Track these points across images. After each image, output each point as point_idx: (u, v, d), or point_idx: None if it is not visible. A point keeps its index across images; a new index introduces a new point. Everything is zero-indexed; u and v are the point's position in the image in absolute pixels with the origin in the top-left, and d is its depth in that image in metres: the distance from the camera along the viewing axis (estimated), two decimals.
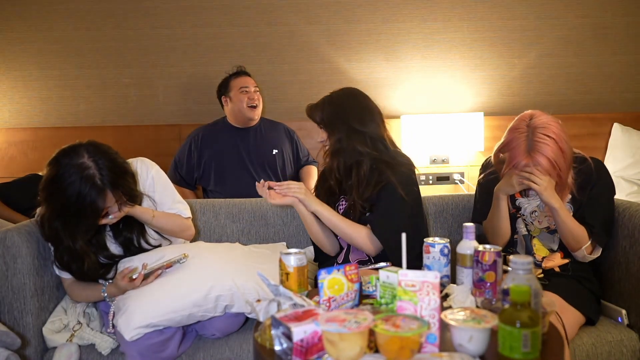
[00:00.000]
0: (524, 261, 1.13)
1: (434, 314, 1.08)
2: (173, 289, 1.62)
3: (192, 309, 1.61)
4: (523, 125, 1.69)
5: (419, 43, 3.25)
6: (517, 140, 1.68)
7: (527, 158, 1.65)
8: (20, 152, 3.20)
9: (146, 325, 1.56)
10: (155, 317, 1.57)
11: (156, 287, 1.64)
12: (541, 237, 1.82)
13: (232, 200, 2.23)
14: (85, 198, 1.54)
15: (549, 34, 3.26)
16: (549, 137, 1.63)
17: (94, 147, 1.60)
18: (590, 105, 3.33)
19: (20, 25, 3.17)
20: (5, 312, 1.68)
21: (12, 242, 1.67)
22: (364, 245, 1.78)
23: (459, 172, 3.22)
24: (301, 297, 1.23)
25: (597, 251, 1.76)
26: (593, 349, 1.66)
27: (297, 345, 1.03)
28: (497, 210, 1.78)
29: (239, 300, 1.65)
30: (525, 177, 1.65)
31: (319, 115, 1.89)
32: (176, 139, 3.19)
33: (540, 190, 1.63)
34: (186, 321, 1.63)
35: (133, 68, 3.21)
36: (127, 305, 1.60)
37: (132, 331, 1.55)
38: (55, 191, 1.57)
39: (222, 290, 1.63)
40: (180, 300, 1.60)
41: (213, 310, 1.65)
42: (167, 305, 1.59)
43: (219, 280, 1.64)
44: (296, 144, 2.91)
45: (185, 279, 1.65)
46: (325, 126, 1.88)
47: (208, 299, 1.62)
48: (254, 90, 2.77)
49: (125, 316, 1.57)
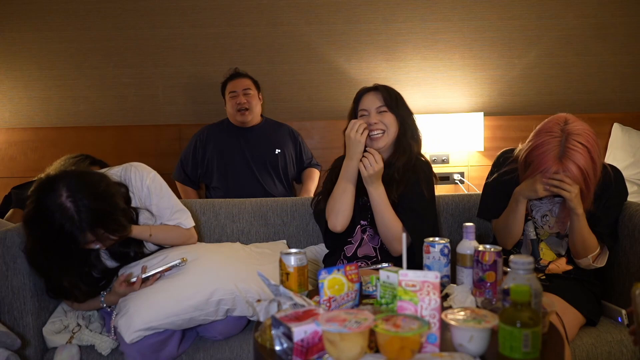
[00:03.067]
0: (524, 261, 1.13)
1: (435, 314, 1.08)
2: (174, 292, 1.61)
3: (193, 312, 1.59)
4: (557, 129, 1.59)
5: (419, 43, 3.25)
6: (549, 144, 1.58)
7: (557, 164, 1.57)
8: (20, 152, 3.20)
9: (146, 328, 1.56)
10: (155, 320, 1.56)
11: (157, 290, 1.62)
12: (549, 241, 1.79)
13: (232, 200, 2.23)
14: (65, 237, 1.46)
15: (549, 34, 3.26)
16: (583, 145, 1.55)
17: (76, 180, 1.49)
18: (590, 105, 3.33)
19: (20, 25, 3.17)
20: (5, 312, 1.68)
21: (12, 242, 1.67)
22: (395, 239, 1.71)
23: (459, 172, 3.22)
24: (301, 297, 1.23)
25: (601, 260, 1.73)
26: (593, 349, 1.66)
27: (298, 345, 1.03)
28: (514, 213, 1.72)
29: (241, 304, 1.64)
30: (554, 184, 1.58)
31: (390, 94, 1.84)
32: (176, 139, 3.19)
33: (571, 197, 1.58)
34: (187, 324, 1.62)
35: (133, 68, 3.21)
36: (127, 307, 1.59)
37: (132, 334, 1.54)
38: (35, 227, 1.50)
39: (224, 294, 1.62)
40: (182, 304, 1.58)
41: (214, 315, 1.64)
42: (168, 308, 1.57)
43: (221, 284, 1.63)
44: (300, 146, 2.91)
45: (186, 282, 1.64)
46: (391, 108, 1.81)
47: (210, 302, 1.61)
48: (244, 93, 2.76)
49: (126, 318, 1.57)
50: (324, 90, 3.26)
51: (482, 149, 3.10)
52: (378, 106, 1.80)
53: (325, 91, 3.26)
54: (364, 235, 1.84)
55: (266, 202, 2.22)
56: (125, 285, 1.63)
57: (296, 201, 2.21)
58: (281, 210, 2.18)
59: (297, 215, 2.17)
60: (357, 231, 1.85)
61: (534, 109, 3.27)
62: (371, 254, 1.83)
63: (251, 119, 2.79)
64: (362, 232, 1.85)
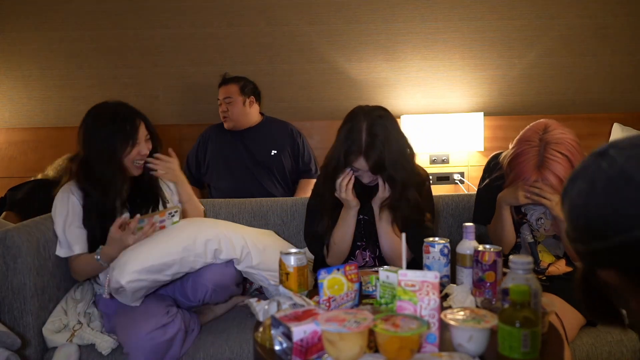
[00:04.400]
0: (523, 261, 1.13)
1: (434, 313, 1.08)
2: (162, 239, 1.68)
3: (183, 252, 1.64)
4: (535, 137, 1.58)
5: (419, 43, 3.25)
6: (527, 153, 1.57)
7: (536, 174, 1.56)
8: (20, 152, 3.21)
9: (140, 269, 1.59)
10: (148, 260, 1.60)
11: (145, 242, 1.68)
12: (547, 243, 1.79)
13: (232, 200, 2.23)
14: (121, 114, 1.82)
15: (549, 34, 3.26)
16: (562, 154, 1.53)
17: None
18: (590, 105, 3.33)
19: (20, 25, 3.17)
20: (5, 312, 1.68)
21: (12, 242, 1.67)
22: (399, 256, 1.65)
23: (459, 172, 3.22)
24: (301, 297, 1.23)
25: None
26: (593, 349, 1.66)
27: (297, 345, 1.03)
28: (500, 220, 1.72)
29: (226, 245, 1.70)
30: (534, 192, 1.58)
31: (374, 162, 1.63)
32: (176, 139, 3.19)
33: (552, 206, 1.57)
34: (179, 268, 1.66)
35: (133, 68, 3.21)
36: (119, 259, 1.63)
37: (127, 275, 1.57)
38: (96, 118, 1.84)
39: (209, 235, 1.69)
40: (172, 246, 1.65)
41: (204, 255, 1.68)
42: (159, 250, 1.63)
43: (206, 229, 1.72)
44: (299, 148, 2.89)
45: (174, 232, 1.72)
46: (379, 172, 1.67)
47: (197, 243, 1.66)
48: (225, 102, 2.81)
49: (119, 266, 1.60)
50: (324, 90, 3.26)
51: (482, 149, 3.10)
52: (368, 169, 1.66)
53: (325, 91, 3.26)
54: (364, 256, 1.85)
55: (266, 202, 2.22)
56: (122, 230, 1.67)
57: (296, 201, 2.22)
58: (281, 210, 2.18)
59: (297, 215, 2.17)
60: (357, 255, 1.85)
61: (534, 109, 3.27)
62: (370, 263, 1.84)
63: (233, 125, 2.83)
64: (362, 254, 1.85)
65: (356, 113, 1.66)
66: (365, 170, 1.65)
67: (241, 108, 2.82)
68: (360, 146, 1.61)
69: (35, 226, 1.77)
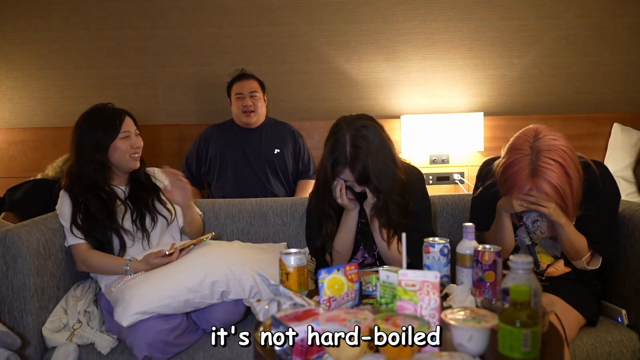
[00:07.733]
0: (524, 261, 1.13)
1: (434, 313, 1.08)
2: (169, 276, 1.66)
3: (187, 294, 1.63)
4: (526, 146, 1.55)
5: (419, 43, 3.25)
6: (519, 162, 1.54)
7: (530, 182, 1.54)
8: (20, 152, 3.21)
9: (142, 311, 1.58)
10: (151, 302, 1.59)
11: (152, 276, 1.67)
12: (544, 245, 1.78)
13: (232, 200, 2.23)
14: (106, 109, 1.87)
15: (549, 34, 3.26)
16: (555, 161, 1.51)
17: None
18: (590, 105, 3.33)
19: (20, 25, 3.17)
20: (5, 312, 1.68)
21: (12, 242, 1.67)
22: (392, 258, 1.72)
23: (459, 172, 3.22)
24: (301, 297, 1.23)
25: (594, 262, 1.71)
26: (593, 349, 1.66)
27: (298, 345, 1.03)
28: (501, 226, 1.71)
29: (235, 286, 1.68)
30: (530, 201, 1.56)
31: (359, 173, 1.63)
32: (176, 139, 3.19)
33: (550, 212, 1.56)
34: (183, 308, 1.65)
35: (133, 68, 3.21)
36: (124, 295, 1.63)
37: (128, 317, 1.57)
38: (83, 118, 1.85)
39: (217, 276, 1.66)
40: (176, 286, 1.63)
41: (210, 297, 1.67)
42: (163, 291, 1.61)
43: (214, 268, 1.68)
44: (299, 147, 2.90)
45: (180, 267, 1.69)
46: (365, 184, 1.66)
47: (204, 284, 1.65)
48: (250, 96, 2.77)
49: (123, 305, 1.60)
50: (324, 90, 3.25)
51: (482, 149, 3.10)
52: (354, 179, 1.66)
53: (325, 91, 3.26)
54: (363, 254, 1.85)
55: (266, 202, 2.22)
56: (162, 255, 1.70)
57: (296, 201, 2.22)
58: (281, 210, 2.18)
59: (297, 215, 2.17)
60: (358, 255, 1.85)
61: (534, 109, 3.27)
62: (369, 261, 1.84)
63: (256, 120, 2.81)
64: (361, 252, 1.85)
65: (339, 125, 1.65)
66: (352, 181, 1.66)
67: (262, 103, 2.83)
68: (345, 158, 1.61)
69: (35, 226, 1.77)
